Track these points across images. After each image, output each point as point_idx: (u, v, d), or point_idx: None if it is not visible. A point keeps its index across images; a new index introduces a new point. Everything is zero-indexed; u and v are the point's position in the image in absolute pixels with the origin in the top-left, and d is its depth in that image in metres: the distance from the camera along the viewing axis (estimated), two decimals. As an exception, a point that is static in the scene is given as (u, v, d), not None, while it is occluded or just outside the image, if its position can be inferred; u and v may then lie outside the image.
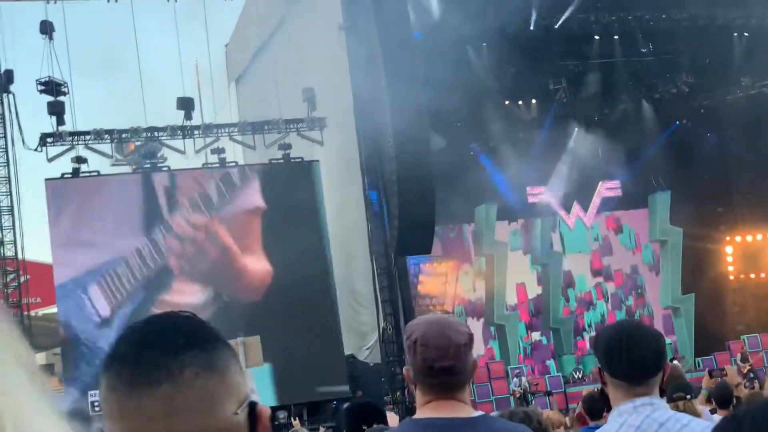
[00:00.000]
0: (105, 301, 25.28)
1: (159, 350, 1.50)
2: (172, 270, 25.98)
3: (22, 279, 26.11)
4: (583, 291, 32.97)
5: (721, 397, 9.02)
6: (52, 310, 27.24)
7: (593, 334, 30.65)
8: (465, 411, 3.17)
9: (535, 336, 32.16)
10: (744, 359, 27.60)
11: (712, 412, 8.56)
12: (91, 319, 25.13)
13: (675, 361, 26.80)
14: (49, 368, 32.28)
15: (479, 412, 3.21)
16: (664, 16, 29.49)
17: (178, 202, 26.35)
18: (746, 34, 30.87)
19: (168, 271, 25.99)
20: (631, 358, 3.34)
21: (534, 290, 32.46)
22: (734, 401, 9.16)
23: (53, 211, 25.75)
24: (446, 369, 3.13)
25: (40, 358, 33.80)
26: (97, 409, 19.55)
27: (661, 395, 3.43)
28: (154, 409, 1.48)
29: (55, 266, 25.52)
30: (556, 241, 32.92)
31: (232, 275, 26.41)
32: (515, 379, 27.05)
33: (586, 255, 33.22)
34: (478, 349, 30.05)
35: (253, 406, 1.55)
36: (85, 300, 25.23)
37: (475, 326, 30.52)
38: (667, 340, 32.27)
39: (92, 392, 20.80)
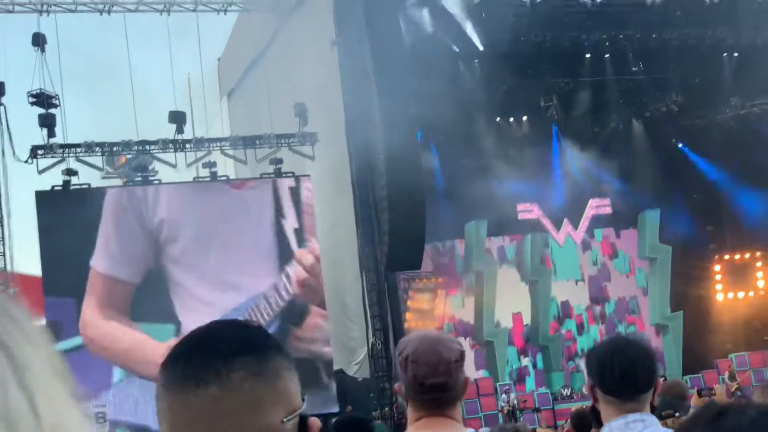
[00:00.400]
0: None
1: (211, 353, 1.53)
2: (304, 300, 27.48)
3: (10, 291, 26.02)
4: (576, 314, 32.98)
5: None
6: (40, 322, 27.12)
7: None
8: (456, 429, 3.16)
9: (525, 361, 32.11)
10: (732, 378, 27.67)
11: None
12: None
13: (670, 378, 26.94)
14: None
15: (470, 430, 3.22)
16: (654, 35, 29.64)
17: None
18: (736, 54, 31.02)
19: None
20: (624, 374, 3.37)
21: (529, 317, 32.46)
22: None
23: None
24: (437, 386, 3.12)
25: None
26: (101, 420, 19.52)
27: (652, 411, 3.46)
28: (200, 408, 1.51)
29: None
30: (546, 258, 32.95)
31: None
32: (503, 395, 27.09)
33: (582, 282, 33.26)
34: (469, 374, 30.04)
35: (304, 419, 1.57)
36: None
37: (466, 348, 30.55)
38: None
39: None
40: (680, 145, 34.16)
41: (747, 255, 33.81)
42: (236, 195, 27.79)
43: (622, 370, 3.37)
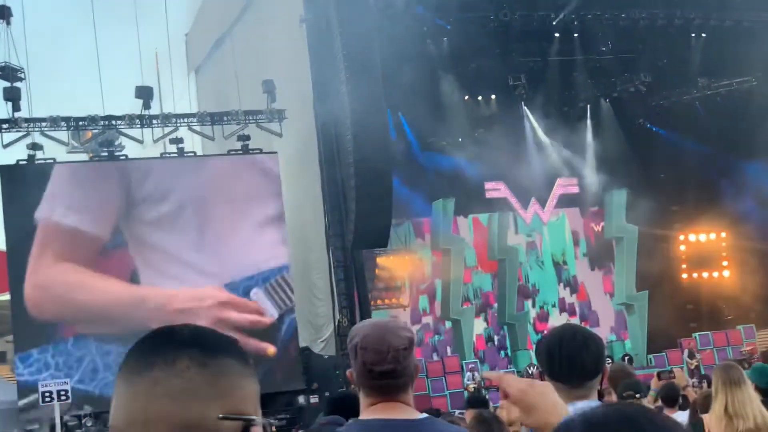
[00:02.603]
0: None
1: (163, 341, 1.61)
2: None
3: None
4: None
5: (669, 397, 9.17)
6: (5, 297, 27.01)
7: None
8: (409, 413, 3.20)
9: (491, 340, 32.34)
10: (691, 355, 27.97)
11: (660, 411, 8.69)
12: None
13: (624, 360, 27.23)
14: (0, 356, 32.02)
15: (423, 415, 3.25)
16: (623, 15, 29.72)
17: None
18: (704, 35, 31.18)
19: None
20: (571, 361, 3.41)
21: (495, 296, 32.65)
22: (680, 401, 9.34)
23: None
24: (385, 373, 3.16)
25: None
26: (47, 399, 19.38)
27: (600, 398, 3.49)
28: (140, 389, 1.56)
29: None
30: (512, 237, 33.02)
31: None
32: (468, 373, 27.21)
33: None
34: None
35: (248, 427, 1.58)
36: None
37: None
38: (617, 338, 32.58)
39: (42, 382, 20.60)
40: (648, 125, 34.31)
41: (712, 235, 34.06)
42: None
43: (569, 357, 3.41)
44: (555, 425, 2.35)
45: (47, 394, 19.30)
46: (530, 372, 28.88)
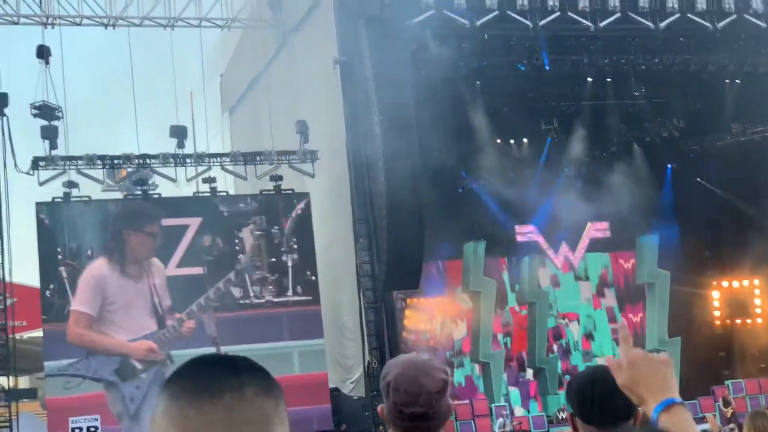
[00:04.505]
0: None
1: (221, 367, 1.64)
2: None
3: (8, 302, 26.00)
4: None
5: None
6: (38, 333, 27.15)
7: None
8: None
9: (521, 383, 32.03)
10: (726, 404, 27.67)
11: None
12: None
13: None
14: (31, 392, 32.13)
15: None
16: (656, 60, 29.67)
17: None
18: (738, 81, 31.06)
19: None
20: (603, 404, 3.38)
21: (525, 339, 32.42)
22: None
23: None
24: (416, 415, 3.11)
25: (23, 381, 33.58)
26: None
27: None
28: (215, 416, 1.58)
29: None
30: (543, 280, 32.88)
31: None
32: (500, 419, 27.04)
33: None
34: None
35: None
36: None
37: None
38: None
39: (73, 419, 20.62)
40: (680, 171, 34.17)
41: (745, 282, 33.77)
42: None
43: (602, 399, 3.38)
44: (651, 404, 2.52)
45: (77, 431, 19.35)
46: (560, 417, 28.72)
